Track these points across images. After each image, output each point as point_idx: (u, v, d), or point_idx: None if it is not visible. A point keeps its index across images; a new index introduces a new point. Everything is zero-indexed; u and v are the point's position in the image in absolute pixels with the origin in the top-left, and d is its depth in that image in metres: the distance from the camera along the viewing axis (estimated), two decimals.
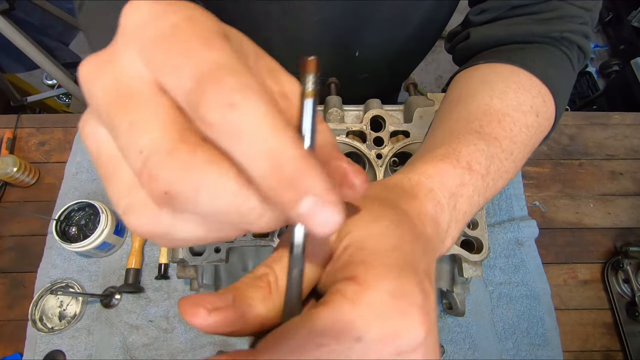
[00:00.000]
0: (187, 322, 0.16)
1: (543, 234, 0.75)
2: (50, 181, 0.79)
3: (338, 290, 0.17)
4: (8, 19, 1.10)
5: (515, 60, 0.41)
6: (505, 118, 0.35)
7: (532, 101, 0.37)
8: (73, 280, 0.70)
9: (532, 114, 0.37)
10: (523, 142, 0.36)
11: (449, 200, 0.27)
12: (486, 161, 0.31)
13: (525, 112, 0.36)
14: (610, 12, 2.09)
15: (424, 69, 2.19)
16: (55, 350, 0.66)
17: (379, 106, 0.56)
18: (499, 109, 0.35)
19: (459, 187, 0.28)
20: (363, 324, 0.16)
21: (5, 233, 0.75)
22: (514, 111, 0.36)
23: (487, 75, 0.41)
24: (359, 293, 0.17)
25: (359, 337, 0.16)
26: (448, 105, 0.40)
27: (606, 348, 0.69)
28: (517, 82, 0.38)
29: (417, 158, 0.32)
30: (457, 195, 0.28)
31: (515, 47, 0.44)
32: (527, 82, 0.39)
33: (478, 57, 0.46)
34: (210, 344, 0.66)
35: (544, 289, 0.71)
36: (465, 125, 0.34)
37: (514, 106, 0.36)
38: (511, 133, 0.35)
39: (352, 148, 0.55)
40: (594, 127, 0.85)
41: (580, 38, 0.44)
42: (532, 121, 0.37)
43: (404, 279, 0.17)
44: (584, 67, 1.94)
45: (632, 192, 0.80)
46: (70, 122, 0.84)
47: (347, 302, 0.16)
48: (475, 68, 0.43)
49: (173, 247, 0.18)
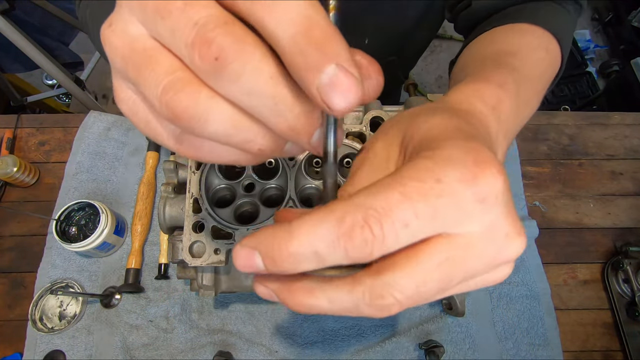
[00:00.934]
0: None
1: (543, 234, 0.75)
2: (50, 181, 0.79)
3: (410, 160, 0.18)
4: (8, 19, 1.10)
5: (515, 17, 0.45)
6: (519, 53, 0.38)
7: (539, 40, 0.41)
8: (73, 280, 0.70)
9: (542, 50, 0.40)
10: (539, 74, 0.38)
11: (492, 112, 0.26)
12: (514, 85, 0.30)
13: (535, 48, 0.40)
14: (610, 12, 2.09)
15: (424, 69, 2.19)
16: (55, 350, 0.66)
17: (378, 107, 0.56)
18: (511, 49, 0.38)
19: (498, 102, 0.27)
20: (441, 169, 0.16)
21: (5, 233, 0.75)
22: (525, 48, 0.39)
23: (493, 35, 0.44)
24: (436, 151, 0.17)
25: (439, 179, 0.16)
26: (462, 63, 0.43)
27: (606, 348, 0.69)
28: (521, 30, 0.42)
29: (451, 88, 0.31)
30: (499, 110, 0.27)
31: (513, 9, 0.48)
32: (530, 28, 0.42)
33: (484, 24, 0.49)
34: (210, 344, 0.66)
35: (544, 289, 0.71)
36: (484, 61, 0.37)
37: (523, 44, 0.40)
38: (527, 63, 0.36)
39: (351, 149, 0.55)
40: (594, 127, 0.85)
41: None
42: (543, 55, 0.40)
43: (470, 141, 0.18)
44: (584, 67, 1.95)
45: (632, 192, 0.80)
46: (70, 122, 0.84)
47: (425, 158, 0.17)
48: (481, 36, 0.47)
49: (197, 154, 0.19)
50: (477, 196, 0.16)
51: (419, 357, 0.67)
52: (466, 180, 0.16)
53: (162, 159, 0.80)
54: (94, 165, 0.79)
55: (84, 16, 0.58)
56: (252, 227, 0.50)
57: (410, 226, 0.16)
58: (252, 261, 0.17)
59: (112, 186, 0.78)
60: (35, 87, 1.72)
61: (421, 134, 0.20)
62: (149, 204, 0.75)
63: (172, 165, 0.56)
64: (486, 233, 0.17)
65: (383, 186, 0.16)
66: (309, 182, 0.55)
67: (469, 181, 0.16)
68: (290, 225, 0.16)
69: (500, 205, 0.17)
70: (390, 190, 0.16)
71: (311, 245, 0.16)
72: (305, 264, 0.16)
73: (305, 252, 0.16)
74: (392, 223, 0.16)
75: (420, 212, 0.16)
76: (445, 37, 2.22)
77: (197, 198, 0.51)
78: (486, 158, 0.17)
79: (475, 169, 0.16)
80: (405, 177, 0.16)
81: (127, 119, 0.84)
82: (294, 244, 0.16)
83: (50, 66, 1.23)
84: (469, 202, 0.16)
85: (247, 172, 0.55)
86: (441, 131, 0.19)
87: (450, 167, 0.16)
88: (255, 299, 0.70)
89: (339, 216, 0.16)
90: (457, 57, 0.50)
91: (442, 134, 0.19)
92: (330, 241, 0.16)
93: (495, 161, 0.17)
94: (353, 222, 0.16)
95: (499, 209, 0.17)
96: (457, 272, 0.17)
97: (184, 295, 0.70)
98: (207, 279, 0.55)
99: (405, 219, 0.16)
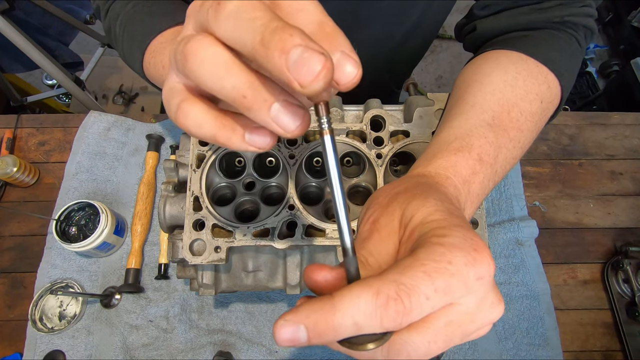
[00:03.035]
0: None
1: (543, 234, 0.75)
2: (50, 181, 0.79)
3: (423, 244, 0.22)
4: (8, 19, 1.10)
5: (519, 47, 0.44)
6: (514, 109, 0.39)
7: (539, 88, 0.42)
8: (73, 280, 0.70)
9: (538, 102, 0.41)
10: (529, 129, 0.40)
11: (463, 186, 0.32)
12: (494, 152, 0.36)
13: (532, 101, 0.41)
14: (610, 12, 2.09)
15: (424, 69, 2.19)
16: (55, 350, 0.66)
17: (379, 106, 0.56)
18: (510, 99, 0.40)
19: (471, 175, 0.33)
20: (451, 253, 0.20)
21: (5, 233, 0.75)
22: (522, 101, 0.40)
23: (499, 57, 0.45)
24: (443, 239, 0.21)
25: (450, 261, 0.20)
26: (464, 85, 0.44)
27: (606, 348, 0.69)
28: (526, 69, 0.42)
29: (436, 148, 0.36)
30: (470, 182, 0.33)
31: (519, 34, 0.48)
32: (535, 68, 0.43)
33: (486, 46, 0.50)
34: (210, 344, 0.66)
35: (544, 289, 0.71)
36: (480, 114, 0.39)
37: (522, 95, 0.40)
38: (518, 123, 0.39)
39: (352, 148, 0.55)
40: (594, 127, 0.85)
41: (583, 18, 0.47)
42: (536, 108, 0.41)
43: (466, 231, 0.22)
44: (584, 67, 1.95)
45: (632, 192, 0.80)
46: (70, 122, 0.84)
47: (437, 245, 0.21)
48: (486, 53, 0.47)
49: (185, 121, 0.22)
50: (476, 276, 0.20)
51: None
52: (470, 264, 0.20)
53: (162, 159, 0.80)
54: (94, 165, 0.79)
55: (113, 25, 0.56)
56: (252, 225, 0.50)
57: (430, 299, 0.19)
58: (297, 335, 0.19)
59: (112, 186, 0.78)
60: (35, 87, 1.72)
61: (421, 217, 0.24)
62: (149, 204, 0.75)
63: (172, 164, 0.56)
64: (479, 303, 0.21)
65: (407, 266, 0.20)
66: (310, 180, 0.55)
67: (471, 264, 0.20)
68: (333, 298, 0.19)
69: (490, 282, 0.21)
70: (414, 269, 0.20)
71: (353, 317, 0.19)
72: (344, 333, 0.19)
73: (347, 324, 0.19)
74: (418, 296, 0.19)
75: (438, 287, 0.19)
76: (445, 37, 2.22)
77: (197, 196, 0.51)
78: (481, 246, 0.21)
79: (475, 255, 0.21)
80: (423, 259, 0.20)
81: (127, 119, 0.84)
82: (338, 317, 0.19)
83: (50, 66, 1.23)
84: (471, 280, 0.20)
85: (248, 170, 0.55)
86: (440, 218, 0.23)
87: (458, 252, 0.20)
88: (255, 299, 0.70)
89: (375, 291, 0.19)
90: (466, 35, 0.54)
91: (442, 221, 0.23)
92: (369, 313, 0.19)
93: (486, 248, 0.21)
94: (388, 296, 0.19)
95: (489, 285, 0.21)
96: (457, 331, 0.21)
97: (184, 295, 0.70)
98: (207, 277, 0.55)
99: (427, 293, 0.19)
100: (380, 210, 0.27)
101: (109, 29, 0.56)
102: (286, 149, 0.54)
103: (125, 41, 0.53)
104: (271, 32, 0.17)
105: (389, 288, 0.19)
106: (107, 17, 0.55)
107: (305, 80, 0.17)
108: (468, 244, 0.21)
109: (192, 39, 0.19)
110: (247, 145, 0.21)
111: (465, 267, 0.20)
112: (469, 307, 0.21)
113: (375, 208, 0.27)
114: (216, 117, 0.21)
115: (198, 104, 0.21)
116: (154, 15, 0.51)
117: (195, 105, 0.21)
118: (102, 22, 0.58)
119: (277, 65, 0.17)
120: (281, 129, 0.19)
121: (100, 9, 0.56)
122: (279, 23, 0.17)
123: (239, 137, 0.21)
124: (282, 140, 0.55)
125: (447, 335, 0.21)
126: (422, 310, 0.19)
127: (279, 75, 0.17)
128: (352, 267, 0.22)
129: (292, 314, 0.19)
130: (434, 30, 0.74)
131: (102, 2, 0.56)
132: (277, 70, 0.17)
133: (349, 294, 0.19)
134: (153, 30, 0.49)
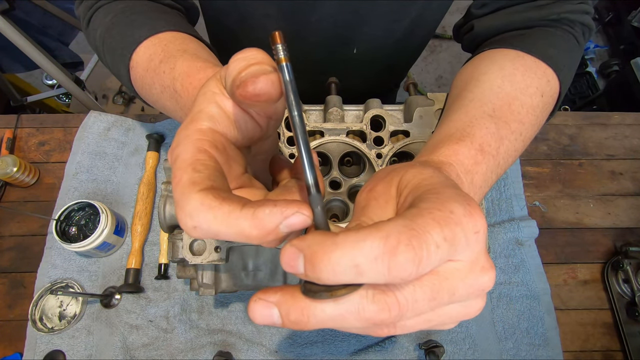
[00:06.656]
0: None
1: (543, 234, 0.75)
2: (50, 181, 0.79)
3: (422, 200, 0.21)
4: (8, 19, 1.10)
5: (516, 45, 0.44)
6: (515, 102, 0.39)
7: (538, 82, 0.41)
8: (73, 280, 0.70)
9: (538, 95, 0.41)
10: (530, 122, 0.40)
11: (465, 175, 0.32)
12: (496, 143, 0.35)
13: (532, 95, 0.40)
14: (610, 12, 2.09)
15: (423, 69, 2.19)
16: (55, 350, 0.66)
17: (379, 106, 0.56)
18: (509, 92, 0.39)
19: (474, 165, 0.33)
20: (451, 204, 0.19)
21: (5, 233, 0.75)
22: (522, 94, 0.40)
23: (495, 55, 0.44)
24: (439, 195, 0.21)
25: (451, 211, 0.19)
26: (461, 83, 0.44)
27: (606, 348, 0.69)
28: (524, 65, 0.42)
29: (437, 140, 0.35)
30: (473, 173, 0.32)
31: (516, 33, 0.48)
32: (533, 64, 0.42)
33: (483, 46, 0.50)
34: (210, 344, 0.66)
35: (544, 289, 0.71)
36: (480, 107, 0.38)
37: (521, 89, 0.40)
38: (519, 116, 0.39)
39: (352, 147, 0.55)
40: (594, 127, 0.85)
41: (580, 15, 0.47)
42: (537, 102, 0.41)
43: (459, 189, 0.22)
44: (584, 67, 1.95)
45: (632, 192, 0.80)
46: (70, 122, 0.84)
47: (435, 197, 0.20)
48: (483, 53, 0.47)
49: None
50: (475, 228, 0.19)
51: (419, 357, 0.67)
52: (468, 215, 0.19)
53: (162, 159, 0.80)
54: (94, 165, 0.79)
55: (93, 38, 0.50)
56: None
57: (440, 248, 0.18)
58: (295, 262, 0.18)
59: (112, 186, 0.78)
60: (35, 87, 1.72)
61: (417, 181, 0.23)
62: (149, 204, 0.75)
63: None
64: (472, 262, 0.20)
65: (415, 214, 0.19)
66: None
67: (470, 215, 0.19)
68: (336, 235, 0.18)
69: (484, 240, 0.20)
70: (423, 217, 0.18)
71: (353, 258, 0.17)
72: (342, 276, 0.17)
73: (346, 264, 0.17)
74: (428, 244, 0.18)
75: (447, 236, 0.18)
76: (445, 37, 2.22)
77: None
78: (474, 202, 0.21)
79: (470, 208, 0.20)
80: (429, 207, 0.19)
81: (127, 119, 0.83)
82: (337, 254, 0.17)
83: (50, 66, 1.23)
84: (470, 231, 0.19)
85: None
86: (435, 182, 0.23)
87: (456, 204, 0.19)
88: None
89: (384, 234, 0.17)
90: (463, 35, 0.53)
91: (437, 183, 0.22)
92: (374, 257, 0.17)
93: (477, 204, 0.21)
94: (399, 240, 0.17)
95: (483, 243, 0.20)
96: (444, 289, 0.20)
97: (184, 295, 0.70)
98: (208, 277, 0.55)
99: (437, 241, 0.18)
100: (377, 180, 0.26)
101: (93, 41, 0.51)
102: (286, 149, 0.54)
103: (106, 54, 0.48)
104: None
105: (399, 232, 0.17)
106: (89, 29, 0.50)
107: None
108: (462, 198, 0.20)
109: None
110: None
111: (465, 218, 0.19)
112: (463, 264, 0.20)
113: (373, 179, 0.27)
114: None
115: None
116: (132, 25, 0.46)
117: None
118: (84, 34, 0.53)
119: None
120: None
121: (82, 19, 0.51)
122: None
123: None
124: (282, 140, 0.55)
125: (434, 289, 0.19)
126: (431, 262, 0.18)
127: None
128: (317, 207, 0.21)
129: (299, 239, 0.18)
130: (433, 27, 0.74)
131: (82, 13, 0.51)
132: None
133: (354, 233, 0.18)
134: (133, 42, 0.44)
